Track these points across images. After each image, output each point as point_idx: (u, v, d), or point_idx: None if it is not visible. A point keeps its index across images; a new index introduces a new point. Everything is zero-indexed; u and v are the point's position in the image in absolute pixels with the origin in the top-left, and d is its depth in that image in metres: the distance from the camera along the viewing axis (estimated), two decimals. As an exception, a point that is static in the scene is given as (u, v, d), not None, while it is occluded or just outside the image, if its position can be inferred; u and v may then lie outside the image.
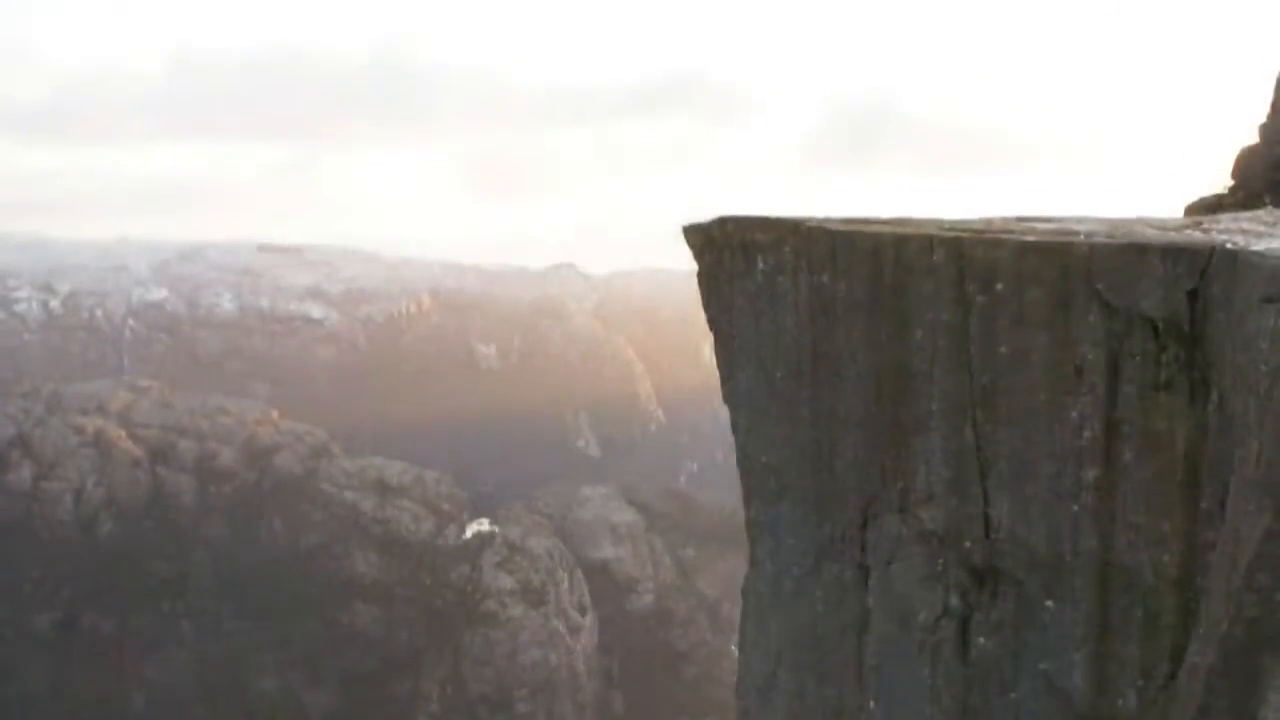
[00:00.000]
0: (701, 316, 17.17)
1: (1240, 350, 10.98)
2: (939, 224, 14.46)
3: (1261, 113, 22.96)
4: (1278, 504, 10.43)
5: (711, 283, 16.69)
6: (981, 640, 13.83)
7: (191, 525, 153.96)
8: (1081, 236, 12.63)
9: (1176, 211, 21.66)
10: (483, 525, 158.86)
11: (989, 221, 14.57)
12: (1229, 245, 11.56)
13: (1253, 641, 10.89)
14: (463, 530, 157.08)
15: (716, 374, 17.12)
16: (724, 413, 17.30)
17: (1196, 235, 12.53)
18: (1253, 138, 22.71)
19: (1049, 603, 12.96)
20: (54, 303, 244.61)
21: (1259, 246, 11.45)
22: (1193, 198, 22.34)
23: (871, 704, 15.38)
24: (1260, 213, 16.14)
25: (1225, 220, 14.66)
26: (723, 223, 16.31)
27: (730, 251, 16.16)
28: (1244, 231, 12.79)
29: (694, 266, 17.04)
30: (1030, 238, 12.83)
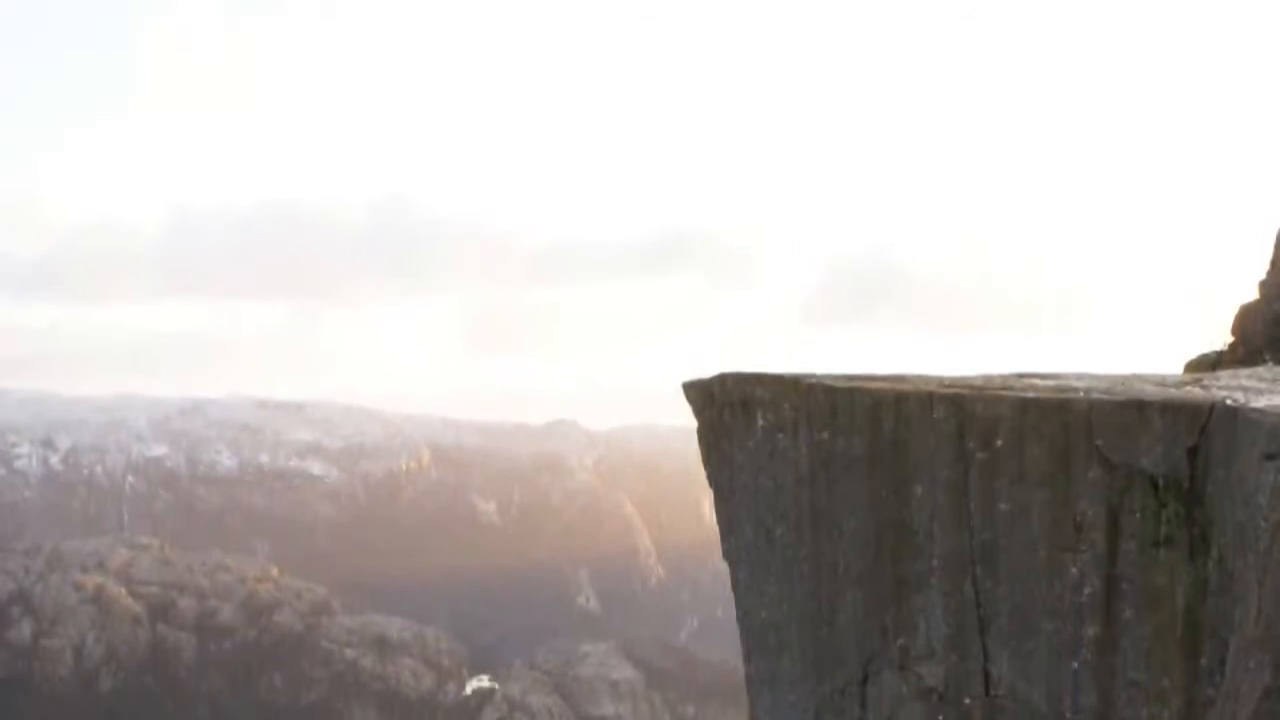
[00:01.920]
0: (702, 472, 17.14)
1: (1240, 507, 10.98)
2: (939, 380, 14.49)
3: (1261, 269, 23.04)
4: (1277, 661, 10.40)
5: (711, 439, 16.70)
6: (983, 799, 13.72)
7: (191, 682, 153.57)
8: (1081, 393, 12.66)
9: (1176, 368, 21.69)
10: (483, 682, 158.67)
11: (988, 378, 14.62)
12: (1229, 402, 11.58)
13: (1254, 800, 10.82)
14: (463, 687, 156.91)
15: (717, 530, 17.07)
16: (724, 569, 17.24)
17: (1196, 392, 12.56)
18: (1252, 294, 22.76)
19: (1050, 760, 12.87)
20: (54, 459, 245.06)
21: (1259, 403, 11.48)
22: (1192, 354, 22.40)
23: None
24: (1260, 369, 16.20)
25: (1225, 377, 14.71)
26: (723, 379, 16.35)
27: (730, 408, 16.19)
28: (1244, 388, 12.82)
29: (694, 423, 17.06)
30: (1030, 394, 12.86)
